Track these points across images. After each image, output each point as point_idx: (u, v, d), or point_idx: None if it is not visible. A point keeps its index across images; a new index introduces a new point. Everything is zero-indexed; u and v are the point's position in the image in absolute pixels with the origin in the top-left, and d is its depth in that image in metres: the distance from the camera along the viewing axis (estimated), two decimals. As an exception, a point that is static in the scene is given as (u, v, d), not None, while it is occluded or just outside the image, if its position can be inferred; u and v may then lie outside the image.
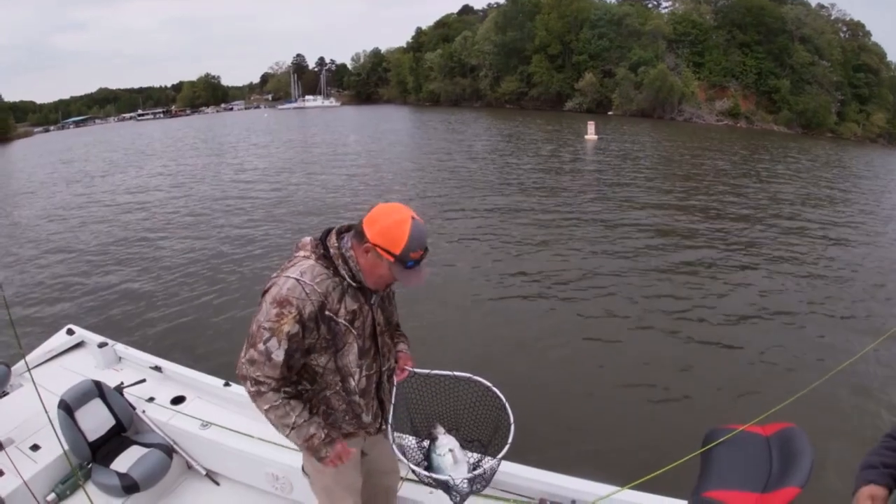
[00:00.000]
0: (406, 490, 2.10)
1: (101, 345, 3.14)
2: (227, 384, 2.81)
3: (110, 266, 8.69)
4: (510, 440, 1.63)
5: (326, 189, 14.58)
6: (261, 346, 1.38)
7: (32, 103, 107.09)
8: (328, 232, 1.49)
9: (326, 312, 1.42)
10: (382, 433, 1.73)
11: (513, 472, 2.09)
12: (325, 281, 1.41)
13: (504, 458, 1.64)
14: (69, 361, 3.20)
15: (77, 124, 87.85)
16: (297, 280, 1.38)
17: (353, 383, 1.55)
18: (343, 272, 1.43)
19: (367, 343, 1.54)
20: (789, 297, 7.07)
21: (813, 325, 6.21)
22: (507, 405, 1.73)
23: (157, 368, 3.03)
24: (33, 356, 3.12)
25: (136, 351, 3.22)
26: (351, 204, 12.44)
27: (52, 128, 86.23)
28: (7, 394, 2.89)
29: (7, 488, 2.23)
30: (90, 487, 2.37)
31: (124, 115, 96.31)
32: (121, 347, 3.22)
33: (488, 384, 1.77)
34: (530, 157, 19.12)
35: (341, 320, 1.45)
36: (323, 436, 1.48)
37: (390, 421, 1.65)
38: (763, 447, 1.42)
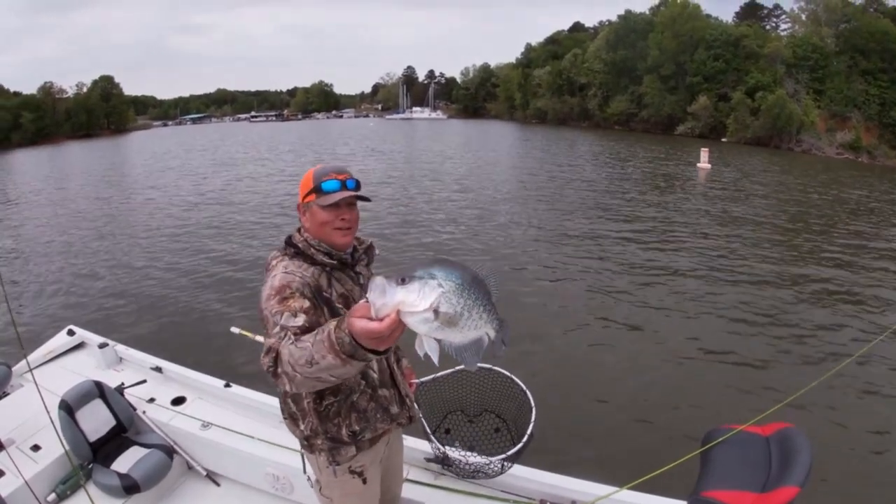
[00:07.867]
0: (406, 490, 2.09)
1: (102, 345, 3.15)
2: (227, 385, 2.82)
3: (112, 266, 8.68)
4: (533, 418, 1.86)
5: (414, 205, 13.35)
6: (275, 330, 1.24)
7: (153, 98, 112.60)
8: (290, 236, 1.51)
9: (324, 294, 1.42)
10: (409, 426, 1.73)
11: (513, 473, 2.08)
12: (309, 269, 1.43)
13: (531, 433, 1.87)
14: (70, 362, 3.21)
15: (194, 121, 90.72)
16: (285, 272, 1.38)
17: (374, 375, 1.55)
18: (318, 257, 1.45)
19: None
20: (788, 300, 7.08)
21: (812, 326, 6.21)
22: (514, 378, 1.84)
23: (158, 369, 3.04)
24: (34, 356, 3.13)
25: (137, 351, 3.23)
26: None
27: (169, 123, 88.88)
28: (8, 394, 2.90)
29: (8, 488, 2.24)
30: (91, 488, 2.36)
31: (239, 115, 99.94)
32: (121, 348, 3.23)
33: (489, 366, 1.87)
34: (639, 182, 18.08)
35: (338, 305, 1.44)
36: (333, 326, 1.06)
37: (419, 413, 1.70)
38: (762, 447, 1.43)
